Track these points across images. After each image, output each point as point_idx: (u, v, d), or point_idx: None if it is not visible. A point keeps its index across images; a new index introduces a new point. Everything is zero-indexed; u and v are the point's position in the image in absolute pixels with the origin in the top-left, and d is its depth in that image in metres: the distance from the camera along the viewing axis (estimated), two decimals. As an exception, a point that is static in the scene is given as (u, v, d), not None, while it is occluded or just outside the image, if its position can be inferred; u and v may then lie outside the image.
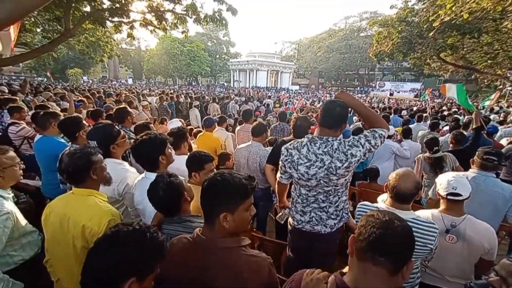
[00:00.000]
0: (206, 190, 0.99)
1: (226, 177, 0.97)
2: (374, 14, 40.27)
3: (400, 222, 0.79)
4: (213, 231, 0.98)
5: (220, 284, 0.91)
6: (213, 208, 0.97)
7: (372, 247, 0.76)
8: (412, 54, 15.91)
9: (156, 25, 9.19)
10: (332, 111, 1.53)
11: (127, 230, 0.82)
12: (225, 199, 0.96)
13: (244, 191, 0.98)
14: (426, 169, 3.19)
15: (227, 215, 0.95)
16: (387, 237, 0.75)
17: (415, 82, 38.07)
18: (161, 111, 8.75)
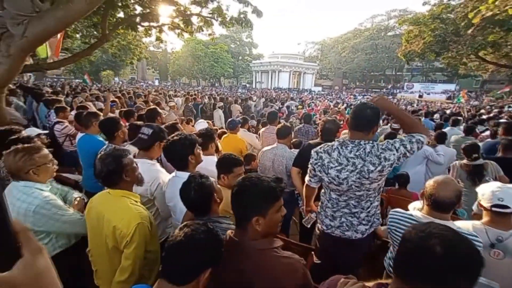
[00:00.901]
0: (236, 195, 1.01)
1: (254, 181, 0.99)
2: (403, 12, 38.42)
3: (449, 241, 0.65)
4: (246, 234, 0.99)
5: (258, 286, 0.92)
6: (245, 213, 0.98)
7: (408, 272, 0.70)
8: (446, 54, 14.96)
9: (183, 28, 9.52)
10: (363, 114, 1.50)
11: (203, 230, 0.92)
12: (256, 204, 0.97)
13: (273, 194, 0.99)
14: (462, 178, 2.97)
15: (259, 218, 0.97)
16: (424, 262, 0.65)
17: (448, 83, 35.68)
18: (186, 111, 9.04)
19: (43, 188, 1.55)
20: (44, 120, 4.50)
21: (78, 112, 3.30)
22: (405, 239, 0.71)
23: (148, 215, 1.50)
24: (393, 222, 1.59)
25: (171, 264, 0.88)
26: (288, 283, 0.93)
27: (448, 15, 13.57)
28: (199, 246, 0.87)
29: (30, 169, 1.50)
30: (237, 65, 47.55)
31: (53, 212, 1.49)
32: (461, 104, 10.94)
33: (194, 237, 0.87)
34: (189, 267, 0.87)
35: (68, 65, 16.41)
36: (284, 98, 16.01)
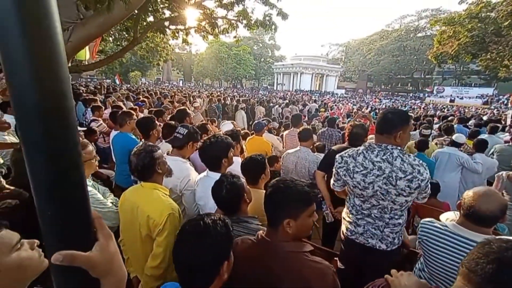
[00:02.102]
0: (270, 196, 1.02)
1: (289, 184, 1.00)
2: (436, 11, 36.45)
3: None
4: (277, 235, 1.01)
5: (286, 285, 0.93)
6: (277, 214, 1.00)
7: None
8: (484, 55, 13.95)
9: (209, 31, 9.78)
10: (384, 116, 1.53)
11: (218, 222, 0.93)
12: (289, 207, 0.99)
13: (307, 199, 1.00)
14: (509, 190, 2.75)
15: (290, 221, 0.97)
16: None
17: (484, 87, 33.21)
18: (210, 112, 9.27)
19: (87, 183, 1.67)
20: (81, 118, 4.85)
21: (113, 111, 3.52)
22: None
23: (178, 208, 1.58)
24: (424, 232, 1.52)
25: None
26: (317, 286, 0.93)
27: (488, 14, 12.65)
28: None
29: None
30: (259, 67, 47.86)
31: (94, 206, 1.61)
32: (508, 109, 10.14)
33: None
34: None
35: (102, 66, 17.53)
36: (307, 100, 15.82)
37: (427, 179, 1.45)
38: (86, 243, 0.45)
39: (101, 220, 0.48)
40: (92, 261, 0.43)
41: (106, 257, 0.46)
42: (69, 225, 0.42)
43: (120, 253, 0.50)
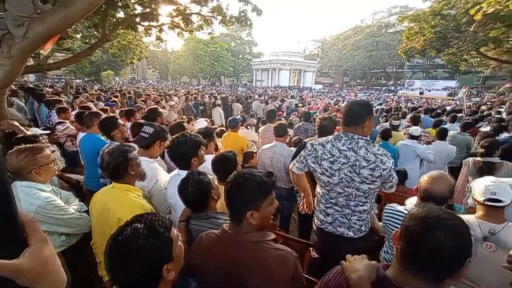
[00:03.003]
0: (230, 191, 1.03)
1: (246, 177, 1.02)
2: (404, 8, 38.20)
3: (446, 229, 0.70)
4: (240, 227, 1.03)
5: (250, 277, 0.96)
6: (239, 207, 1.01)
7: (409, 260, 0.75)
8: (447, 50, 14.90)
9: (183, 27, 9.54)
10: (349, 109, 1.59)
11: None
12: (250, 199, 1.01)
13: (266, 188, 1.02)
14: (473, 174, 2.93)
15: (253, 213, 1.00)
16: (424, 251, 0.71)
17: (449, 80, 35.52)
18: (186, 110, 9.08)
19: (44, 189, 1.58)
20: (45, 120, 4.55)
21: (79, 112, 3.33)
22: (408, 231, 0.75)
23: (151, 208, 1.56)
24: (388, 217, 1.63)
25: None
26: (280, 274, 0.96)
27: (448, 11, 13.50)
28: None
29: (33, 169, 1.54)
30: (237, 64, 47.52)
31: (54, 213, 1.53)
32: (462, 100, 10.92)
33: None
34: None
35: (69, 65, 16.49)
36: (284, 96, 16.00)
37: (389, 168, 1.52)
38: (12, 249, 0.42)
39: (35, 224, 0.46)
40: (18, 269, 0.41)
41: (38, 263, 0.44)
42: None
43: (56, 258, 0.48)
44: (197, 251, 1.09)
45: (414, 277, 0.74)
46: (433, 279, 0.72)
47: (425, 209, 0.75)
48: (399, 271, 0.78)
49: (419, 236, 0.72)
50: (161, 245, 0.78)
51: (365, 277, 0.79)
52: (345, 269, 0.86)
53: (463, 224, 0.72)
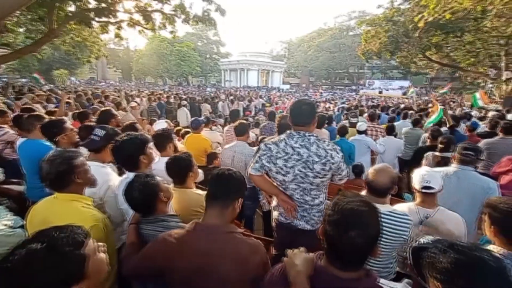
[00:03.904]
0: (221, 179, 1.15)
1: (233, 170, 1.19)
2: (362, 13, 40.89)
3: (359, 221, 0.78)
4: (222, 218, 1.10)
5: (225, 265, 1.00)
6: (230, 195, 1.13)
7: (329, 253, 0.85)
8: (399, 53, 16.27)
9: (144, 25, 9.10)
10: (299, 109, 1.63)
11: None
12: (240, 188, 1.16)
13: (245, 184, 1.21)
14: (432, 167, 3.22)
15: (235, 203, 1.14)
16: (341, 245, 0.79)
17: (403, 80, 38.84)
18: (150, 112, 8.69)
19: None
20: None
21: (17, 115, 2.99)
22: (326, 231, 0.84)
23: (103, 217, 1.45)
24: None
25: None
26: (253, 261, 1.04)
27: (399, 18, 14.74)
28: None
29: None
30: (205, 64, 46.65)
31: None
32: (412, 98, 11.99)
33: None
34: None
35: (10, 62, 14.67)
36: (252, 96, 16.12)
37: (338, 162, 1.61)
38: None
39: None
40: None
41: None
42: None
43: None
44: (164, 251, 1.08)
45: (336, 266, 0.82)
46: (351, 267, 0.81)
47: (340, 206, 0.81)
48: (327, 261, 0.85)
49: (334, 236, 0.80)
50: (65, 264, 0.70)
51: (302, 271, 0.83)
52: (286, 264, 0.89)
53: (373, 214, 0.81)
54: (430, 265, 0.76)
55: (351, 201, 0.81)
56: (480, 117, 7.46)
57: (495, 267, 0.67)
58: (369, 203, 0.83)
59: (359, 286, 0.80)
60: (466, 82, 24.16)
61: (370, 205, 0.82)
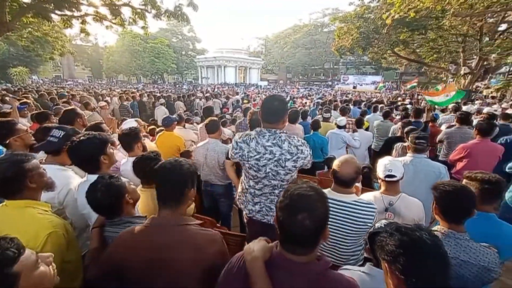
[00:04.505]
0: (164, 174, 1.09)
1: (180, 160, 1.14)
2: (335, 10, 41.88)
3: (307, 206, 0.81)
4: (175, 211, 1.08)
5: (181, 257, 1.00)
6: (182, 187, 1.09)
7: (282, 239, 0.87)
8: (371, 49, 16.96)
9: (111, 20, 8.62)
10: (270, 106, 1.61)
11: None
12: (186, 179, 1.11)
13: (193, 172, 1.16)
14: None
15: (190, 191, 1.12)
16: (291, 228, 0.82)
17: (375, 75, 40.56)
18: (122, 111, 8.29)
19: None
20: None
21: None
22: (278, 218, 0.86)
23: (64, 223, 1.36)
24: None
25: None
26: (209, 250, 1.04)
27: (369, 15, 15.33)
28: None
29: None
30: (181, 61, 45.39)
31: None
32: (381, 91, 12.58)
33: None
34: None
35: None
36: (230, 93, 15.99)
37: (308, 156, 1.66)
38: None
39: None
40: None
41: None
42: None
43: None
44: (119, 249, 1.06)
45: (289, 251, 0.85)
46: (303, 251, 0.84)
47: (289, 192, 0.84)
48: (281, 246, 0.87)
49: (284, 220, 0.83)
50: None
51: (259, 256, 0.85)
52: (244, 252, 0.90)
53: (320, 198, 0.85)
54: (380, 248, 0.81)
55: (300, 187, 0.84)
56: (442, 109, 8.01)
57: (431, 245, 0.75)
58: (316, 188, 0.87)
59: (311, 269, 0.83)
60: (431, 77, 25.79)
61: (317, 190, 0.86)
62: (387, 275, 0.83)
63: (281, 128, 1.64)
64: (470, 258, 1.26)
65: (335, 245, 1.59)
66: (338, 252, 1.60)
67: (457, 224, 1.32)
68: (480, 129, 3.00)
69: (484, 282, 1.27)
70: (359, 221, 1.50)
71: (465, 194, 1.28)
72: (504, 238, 1.47)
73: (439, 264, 0.74)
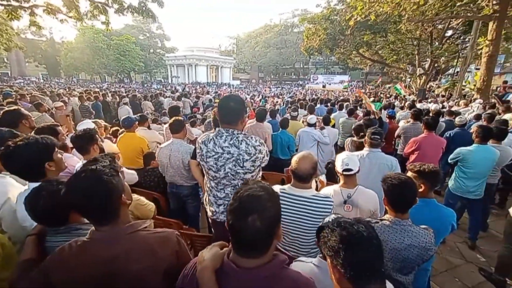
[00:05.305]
0: (98, 186, 0.91)
1: (98, 170, 0.95)
2: (304, 11, 43.11)
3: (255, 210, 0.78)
4: (117, 222, 0.96)
5: (132, 266, 0.91)
6: (114, 199, 0.94)
7: (234, 244, 0.84)
8: (337, 50, 17.75)
9: (66, 13, 7.96)
10: (227, 107, 1.60)
11: None
12: (120, 186, 0.98)
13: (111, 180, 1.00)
14: (353, 152, 3.58)
15: (124, 201, 0.99)
16: (242, 231, 0.79)
17: (343, 74, 42.47)
18: (82, 112, 7.72)
19: None
20: None
21: None
22: (228, 224, 0.82)
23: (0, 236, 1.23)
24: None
25: None
26: (163, 253, 0.97)
27: (335, 17, 16.03)
28: None
29: None
30: (149, 59, 43.37)
31: None
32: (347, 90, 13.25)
33: None
34: None
35: None
36: (200, 93, 15.70)
37: (266, 155, 1.70)
38: None
39: None
40: None
41: None
42: None
43: None
44: (61, 267, 0.93)
45: (242, 255, 0.82)
46: (256, 254, 0.81)
47: (238, 194, 0.82)
48: (234, 252, 0.84)
49: (235, 224, 0.79)
50: None
51: (208, 265, 0.81)
52: (197, 259, 0.87)
53: (271, 197, 0.82)
54: (323, 244, 0.84)
55: (249, 188, 0.82)
56: (401, 106, 8.67)
57: (366, 237, 0.78)
58: (267, 188, 0.84)
59: (264, 273, 0.80)
60: (392, 77, 27.73)
61: (268, 189, 0.83)
62: (331, 269, 0.85)
63: (239, 128, 1.63)
64: (413, 241, 1.39)
65: (296, 239, 1.64)
66: (299, 246, 1.65)
67: (402, 213, 1.45)
68: (427, 124, 3.30)
69: (424, 260, 1.41)
70: (317, 214, 1.56)
71: (408, 187, 1.41)
72: (442, 219, 1.65)
73: (374, 255, 0.78)
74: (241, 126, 1.65)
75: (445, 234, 1.77)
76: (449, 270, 2.76)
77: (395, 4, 8.93)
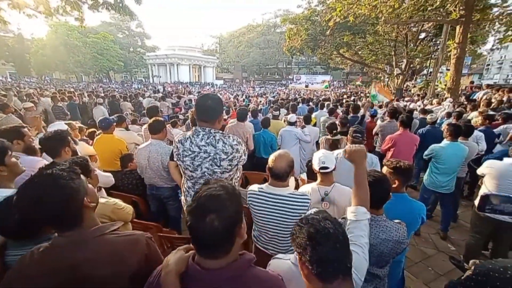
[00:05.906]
0: (53, 192, 0.84)
1: (55, 174, 0.87)
2: (286, 11, 43.52)
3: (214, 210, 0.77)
4: (81, 226, 0.91)
5: (98, 273, 0.87)
6: (75, 203, 0.88)
7: (195, 245, 0.83)
8: (319, 50, 18.09)
9: (33, 8, 7.52)
10: (204, 105, 1.59)
11: None
12: (82, 189, 0.91)
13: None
14: (326, 149, 3.68)
15: (84, 200, 0.91)
16: (200, 232, 0.77)
17: (325, 74, 43.41)
18: (56, 113, 7.32)
19: None
20: None
21: None
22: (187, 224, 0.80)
23: None
24: (250, 197, 1.79)
25: None
26: (131, 257, 0.92)
27: (316, 18, 16.33)
28: None
29: None
30: (129, 58, 41.98)
31: None
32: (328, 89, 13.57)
33: None
34: None
35: None
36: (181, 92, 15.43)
37: (244, 154, 1.70)
38: None
39: None
40: None
41: None
42: None
43: None
44: (23, 277, 0.87)
45: (205, 257, 0.81)
46: (219, 254, 0.81)
47: (197, 195, 0.81)
48: (198, 254, 0.83)
49: (194, 225, 0.78)
50: None
51: (171, 270, 0.80)
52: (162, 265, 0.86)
53: (231, 196, 0.82)
54: (293, 241, 0.85)
55: (209, 188, 0.81)
56: (380, 105, 9.01)
57: (332, 233, 0.80)
58: (227, 187, 0.84)
59: (229, 273, 0.80)
60: (372, 77, 28.71)
61: (228, 188, 0.83)
62: (299, 266, 0.85)
63: (217, 127, 1.62)
64: (387, 236, 1.44)
65: (274, 237, 1.66)
66: (278, 243, 1.67)
67: (377, 209, 1.51)
68: (402, 122, 3.45)
69: (397, 253, 1.47)
70: (295, 212, 1.59)
71: (382, 185, 1.47)
72: (413, 213, 1.73)
73: (340, 251, 0.79)
74: (219, 125, 1.64)
75: (416, 227, 1.86)
76: (423, 260, 2.90)
77: (372, 7, 9.27)
